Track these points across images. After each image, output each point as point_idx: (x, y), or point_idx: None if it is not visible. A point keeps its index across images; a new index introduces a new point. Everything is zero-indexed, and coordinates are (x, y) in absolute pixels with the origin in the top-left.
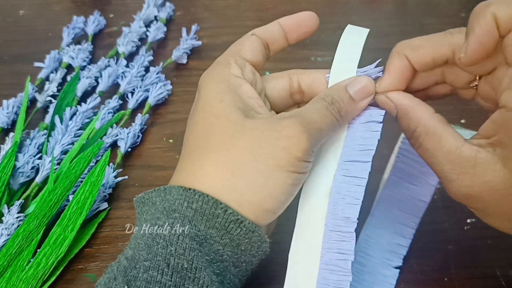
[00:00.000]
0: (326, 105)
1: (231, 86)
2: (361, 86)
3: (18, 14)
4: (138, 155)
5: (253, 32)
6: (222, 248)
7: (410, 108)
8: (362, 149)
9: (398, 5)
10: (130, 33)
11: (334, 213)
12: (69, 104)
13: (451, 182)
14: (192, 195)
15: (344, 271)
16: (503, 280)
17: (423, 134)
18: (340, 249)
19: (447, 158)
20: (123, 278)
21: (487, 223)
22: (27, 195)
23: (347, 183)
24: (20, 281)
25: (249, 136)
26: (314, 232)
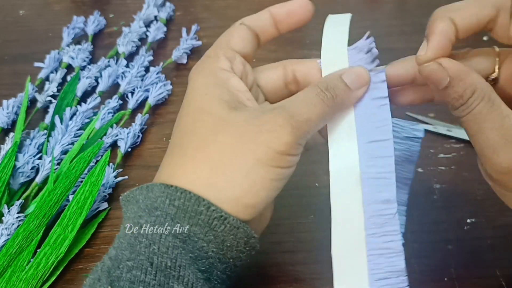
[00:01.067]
0: (318, 92)
1: (218, 79)
2: (356, 76)
3: (18, 14)
4: (138, 155)
5: (242, 21)
6: (207, 245)
7: (466, 73)
8: (378, 126)
9: (398, 5)
10: (130, 33)
11: (370, 198)
12: (69, 104)
13: (496, 151)
14: (174, 193)
15: (394, 251)
16: (503, 280)
17: (479, 99)
18: (385, 232)
19: (496, 124)
20: (107, 278)
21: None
22: (27, 195)
23: (374, 166)
24: (20, 281)
25: (230, 130)
26: (353, 221)
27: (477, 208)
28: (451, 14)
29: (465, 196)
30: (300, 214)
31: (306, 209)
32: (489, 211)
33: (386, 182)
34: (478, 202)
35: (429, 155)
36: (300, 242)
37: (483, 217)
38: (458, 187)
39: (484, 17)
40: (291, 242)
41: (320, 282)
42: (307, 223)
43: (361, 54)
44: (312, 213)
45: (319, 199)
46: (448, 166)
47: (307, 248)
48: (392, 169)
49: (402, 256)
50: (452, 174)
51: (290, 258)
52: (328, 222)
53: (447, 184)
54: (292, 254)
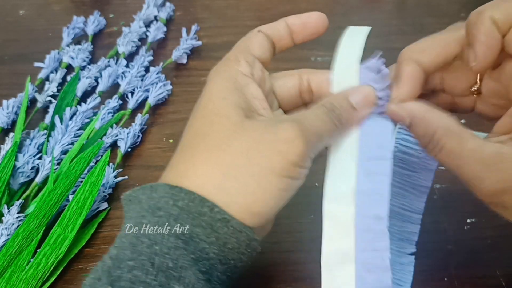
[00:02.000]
0: (326, 112)
1: (237, 84)
2: (363, 96)
3: (18, 14)
4: (138, 155)
5: (259, 29)
6: (208, 246)
7: (426, 112)
8: (378, 145)
9: (398, 5)
10: (130, 33)
11: (363, 213)
12: (69, 104)
13: (482, 181)
14: (178, 193)
15: (382, 267)
16: (503, 280)
17: (444, 137)
18: (374, 248)
19: (472, 157)
20: (107, 278)
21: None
22: (27, 195)
23: (370, 182)
24: (20, 281)
25: (246, 137)
26: (345, 235)
27: (477, 208)
28: (417, 57)
29: (465, 196)
30: (300, 214)
31: (306, 209)
32: (489, 211)
33: (380, 198)
34: (478, 202)
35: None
36: (300, 242)
37: (483, 217)
38: (458, 187)
39: (449, 55)
40: (291, 242)
41: (320, 282)
42: (307, 223)
43: (372, 74)
44: (312, 213)
45: (319, 199)
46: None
47: (307, 248)
48: (387, 188)
49: (389, 273)
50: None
51: (290, 258)
52: None
53: (447, 184)
54: (292, 254)
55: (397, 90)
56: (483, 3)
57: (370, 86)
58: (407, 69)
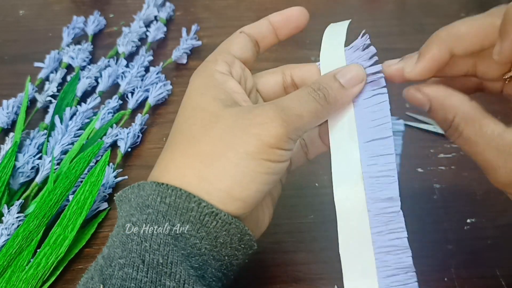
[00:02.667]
0: (309, 91)
1: (215, 81)
2: (351, 74)
3: (18, 14)
4: (138, 155)
5: (242, 30)
6: (199, 242)
7: (445, 97)
8: (377, 124)
9: (398, 5)
10: (130, 33)
11: (374, 197)
12: (69, 104)
13: (496, 169)
14: (165, 190)
15: (401, 248)
16: (503, 280)
17: (463, 123)
18: (390, 230)
19: (490, 144)
20: (99, 277)
21: None
22: (27, 195)
23: (376, 164)
24: (20, 281)
25: (221, 125)
26: (359, 221)
27: (477, 208)
28: (451, 43)
29: (465, 196)
30: (300, 214)
31: (306, 209)
32: (489, 211)
33: (388, 180)
34: (478, 202)
35: (429, 155)
36: (300, 242)
37: (483, 217)
38: (458, 187)
39: (486, 44)
40: (291, 242)
41: (320, 282)
42: (307, 223)
43: (358, 52)
44: (312, 213)
45: (319, 199)
46: (448, 166)
47: (307, 248)
48: (394, 166)
49: (408, 253)
50: (452, 174)
51: (290, 258)
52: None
53: (447, 184)
54: (292, 254)
55: (413, 65)
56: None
57: (357, 64)
58: (435, 52)
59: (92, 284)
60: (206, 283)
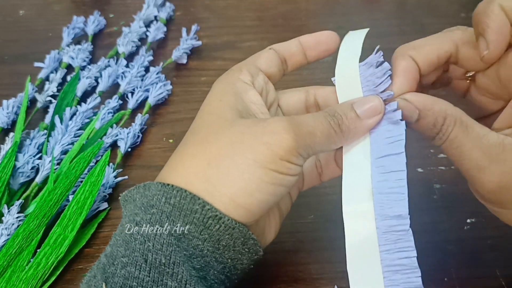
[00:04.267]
0: (325, 115)
1: (236, 89)
2: (369, 106)
3: (18, 14)
4: (138, 155)
5: (271, 47)
6: (202, 243)
7: (433, 103)
8: (391, 142)
9: (398, 5)
10: (130, 33)
11: (383, 213)
12: (69, 104)
13: (482, 170)
14: (170, 191)
15: (410, 267)
16: (503, 280)
17: (452, 124)
18: (399, 248)
19: (476, 144)
20: (102, 275)
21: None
22: (27, 195)
23: (386, 180)
24: (20, 281)
25: (234, 130)
26: (367, 238)
27: (477, 208)
28: (411, 53)
29: (465, 196)
30: (300, 214)
31: (306, 209)
32: (489, 211)
33: (398, 197)
34: (478, 202)
35: (429, 155)
36: (300, 242)
37: (483, 217)
38: (458, 187)
39: (443, 53)
40: (291, 242)
41: (320, 282)
42: (307, 223)
43: (372, 69)
44: (312, 213)
45: (319, 199)
46: (448, 166)
47: (307, 248)
48: (404, 183)
49: (418, 273)
50: (452, 174)
51: (290, 258)
52: (328, 222)
53: (447, 184)
54: (292, 254)
55: (393, 83)
56: None
57: (377, 96)
58: (402, 63)
59: (94, 282)
60: (208, 285)
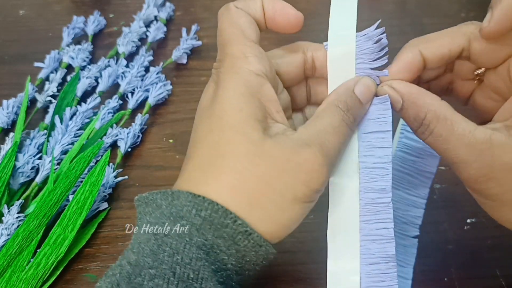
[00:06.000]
0: (343, 117)
1: (252, 88)
2: (367, 86)
3: (18, 14)
4: (138, 155)
5: (235, 5)
6: (227, 258)
7: (417, 95)
8: (378, 117)
9: (398, 5)
10: (130, 33)
11: (367, 186)
12: (69, 104)
13: (468, 165)
14: (201, 203)
15: (386, 238)
16: (503, 280)
17: (434, 121)
18: (378, 219)
19: (461, 141)
20: (127, 284)
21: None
22: (27, 195)
23: (373, 156)
24: (20, 281)
25: (268, 164)
26: (350, 208)
27: (477, 208)
28: (421, 46)
29: (465, 196)
30: None
31: None
32: None
33: (383, 172)
34: None
35: None
36: (300, 242)
37: (483, 217)
38: (458, 187)
39: (456, 47)
40: (291, 242)
41: (320, 282)
42: (307, 223)
43: (370, 43)
44: (312, 213)
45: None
46: (448, 166)
47: (307, 248)
48: (389, 159)
49: (393, 243)
50: (452, 174)
51: (290, 258)
52: None
53: (447, 184)
54: (292, 254)
55: (390, 66)
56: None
57: (373, 80)
58: (407, 54)
59: None
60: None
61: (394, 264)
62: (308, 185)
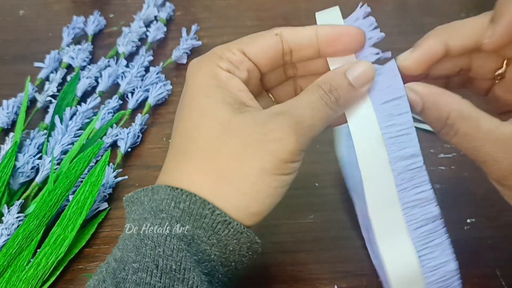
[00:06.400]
0: (321, 95)
1: (219, 81)
2: (361, 71)
3: (18, 14)
4: (138, 155)
5: (279, 32)
6: (210, 248)
7: (438, 96)
8: (389, 85)
9: (398, 5)
10: (130, 33)
11: (396, 156)
12: (69, 104)
13: (498, 161)
14: (179, 195)
15: (426, 199)
16: (503, 280)
17: (458, 120)
18: (415, 184)
19: (489, 138)
20: (112, 280)
21: None
22: (27, 195)
23: (394, 124)
24: (20, 281)
25: (235, 139)
26: (384, 181)
27: (477, 208)
28: (446, 36)
29: (465, 196)
30: (300, 214)
31: (306, 209)
32: (489, 211)
33: (408, 138)
34: (478, 202)
35: (429, 155)
36: (300, 242)
37: (483, 217)
38: (458, 187)
39: (481, 38)
40: (292, 242)
41: (320, 282)
42: (307, 223)
43: (359, 21)
44: (312, 213)
45: (319, 199)
46: (448, 166)
47: (307, 248)
48: (411, 124)
49: (434, 203)
50: (452, 174)
51: (290, 258)
52: (328, 222)
53: (447, 184)
54: (292, 254)
55: (407, 54)
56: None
57: (366, 61)
58: (430, 42)
59: (104, 287)
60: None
61: (440, 221)
62: (274, 154)
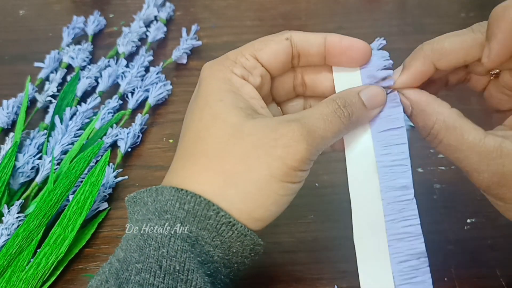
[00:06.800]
0: (335, 109)
1: (233, 86)
2: (374, 94)
3: (18, 14)
4: (138, 155)
5: (290, 37)
6: (213, 250)
7: (426, 104)
8: (390, 115)
9: (398, 5)
10: (130, 33)
11: (388, 185)
12: (69, 104)
13: (481, 173)
14: (184, 196)
15: (413, 235)
16: (503, 280)
17: (443, 130)
18: (403, 217)
19: (472, 150)
20: (115, 280)
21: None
22: (27, 195)
23: (389, 154)
24: (20, 281)
25: (245, 143)
26: (373, 209)
27: (477, 208)
28: (435, 59)
29: (465, 196)
30: (300, 214)
31: (306, 209)
32: (489, 211)
33: (402, 168)
34: (478, 202)
35: (429, 155)
36: (300, 242)
37: (483, 217)
38: (458, 187)
39: (470, 59)
40: (292, 242)
41: (320, 282)
42: (307, 223)
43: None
44: (312, 213)
45: (319, 199)
46: (448, 166)
47: (307, 248)
48: (407, 155)
49: (421, 239)
50: (452, 174)
51: (290, 258)
52: (328, 222)
53: (447, 184)
54: (292, 254)
55: (395, 75)
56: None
57: (382, 88)
58: (418, 65)
59: (107, 287)
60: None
61: (425, 259)
62: (283, 161)
